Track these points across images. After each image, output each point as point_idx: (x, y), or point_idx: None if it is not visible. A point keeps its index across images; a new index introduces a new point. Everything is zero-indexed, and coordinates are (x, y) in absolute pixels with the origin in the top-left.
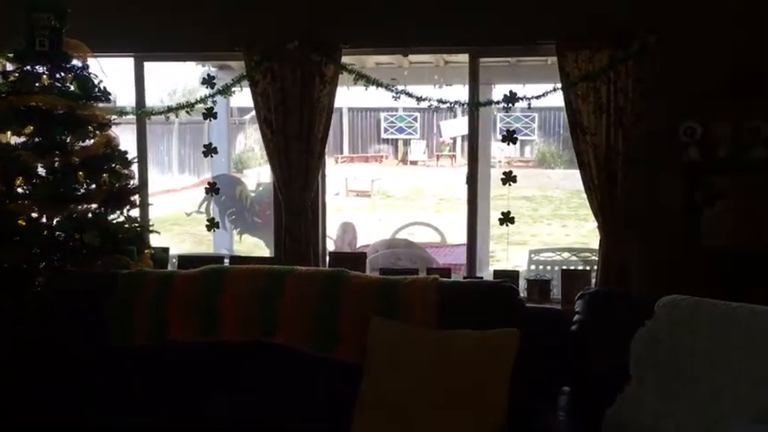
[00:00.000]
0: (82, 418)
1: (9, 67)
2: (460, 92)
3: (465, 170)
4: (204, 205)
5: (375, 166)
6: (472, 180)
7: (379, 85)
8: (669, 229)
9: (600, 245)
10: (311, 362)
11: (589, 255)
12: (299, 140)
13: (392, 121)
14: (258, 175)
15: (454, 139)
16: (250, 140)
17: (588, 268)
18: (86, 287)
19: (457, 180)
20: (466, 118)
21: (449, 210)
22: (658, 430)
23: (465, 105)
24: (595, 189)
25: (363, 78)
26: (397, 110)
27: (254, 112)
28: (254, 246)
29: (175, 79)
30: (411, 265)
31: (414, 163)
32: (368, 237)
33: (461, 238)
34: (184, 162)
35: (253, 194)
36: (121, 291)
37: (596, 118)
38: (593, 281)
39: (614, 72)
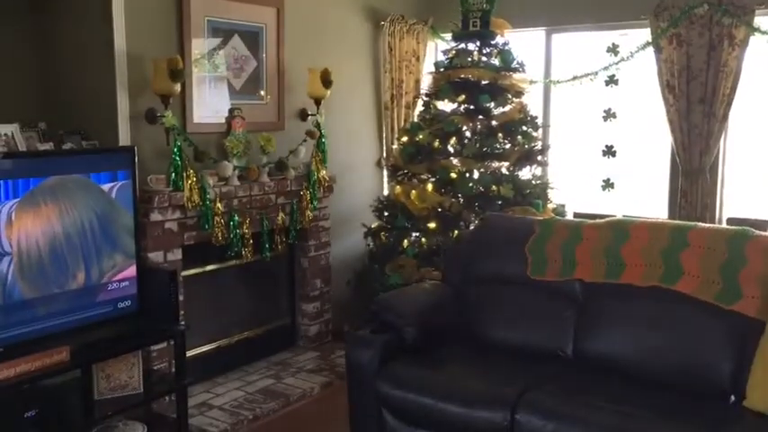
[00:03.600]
0: (492, 335)
1: (442, 46)
2: None
3: None
4: None
5: None
6: None
7: None
8: None
9: None
10: (710, 312)
11: None
12: (701, 104)
13: None
14: None
15: None
16: None
17: None
18: (512, 229)
19: None
20: None
21: None
22: None
23: None
24: None
25: None
26: None
27: None
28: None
29: (584, 48)
30: None
31: None
32: None
33: None
34: None
35: None
36: (539, 234)
37: None
38: None
39: None
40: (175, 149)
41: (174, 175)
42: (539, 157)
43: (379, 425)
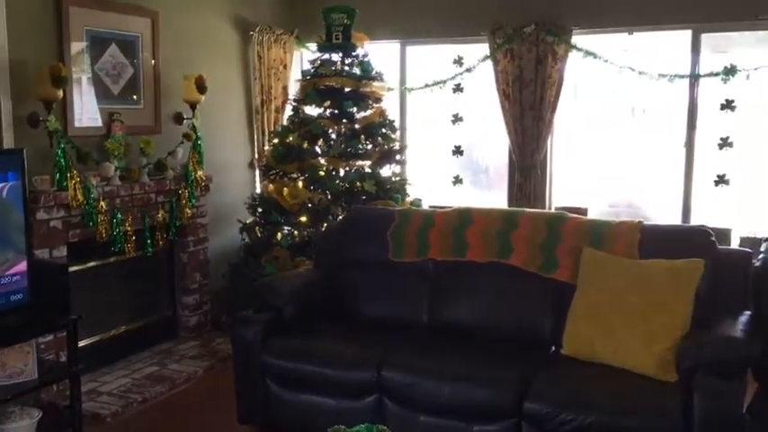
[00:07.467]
0: (360, 311)
1: (308, 55)
2: None
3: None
4: None
5: None
6: (689, 146)
7: (605, 60)
8: None
9: None
10: (535, 280)
11: None
12: (532, 110)
13: None
14: None
15: None
16: None
17: None
18: (375, 219)
19: None
20: None
21: None
22: None
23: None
24: None
25: (591, 55)
26: None
27: None
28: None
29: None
30: None
31: None
32: None
33: None
34: None
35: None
36: (398, 222)
37: None
38: None
39: None
40: (59, 152)
41: (58, 175)
42: (397, 157)
43: (264, 393)
